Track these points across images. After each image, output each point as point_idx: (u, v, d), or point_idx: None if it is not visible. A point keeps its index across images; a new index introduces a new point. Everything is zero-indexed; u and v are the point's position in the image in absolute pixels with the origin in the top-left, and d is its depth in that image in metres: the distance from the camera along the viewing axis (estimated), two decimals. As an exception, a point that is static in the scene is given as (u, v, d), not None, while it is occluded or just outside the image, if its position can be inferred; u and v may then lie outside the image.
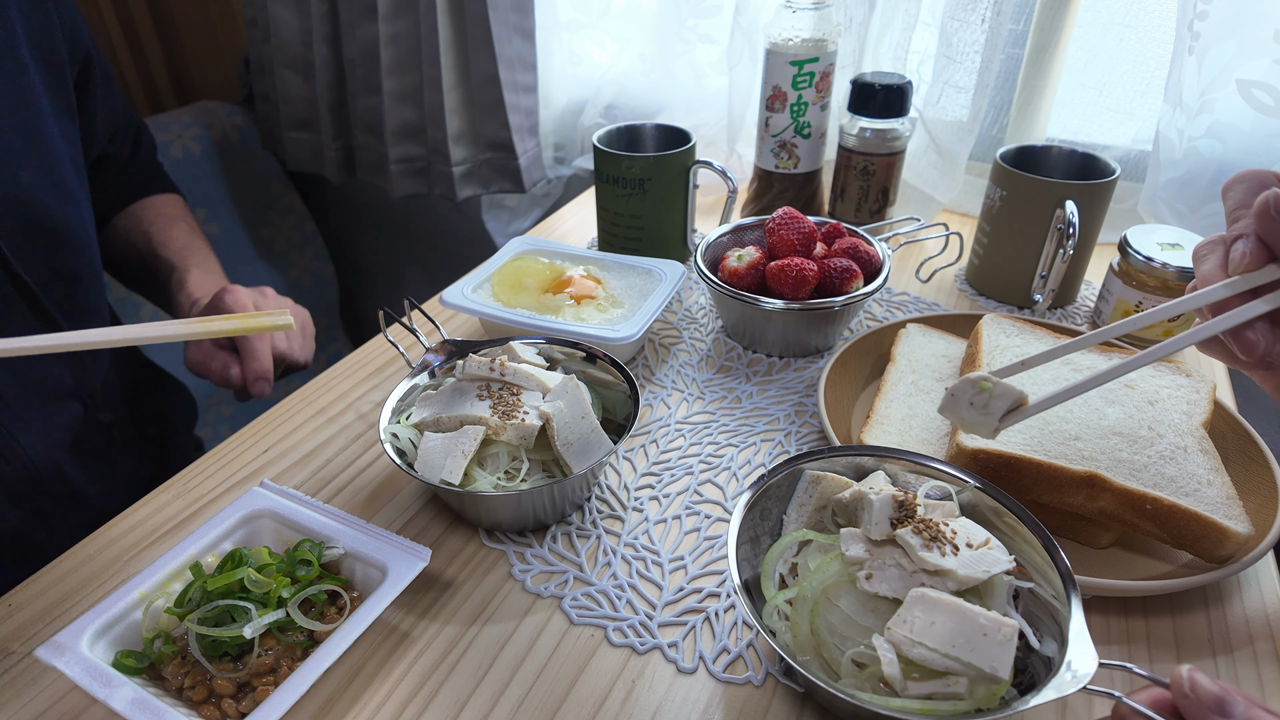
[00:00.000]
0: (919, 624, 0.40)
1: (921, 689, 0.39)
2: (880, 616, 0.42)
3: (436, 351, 0.61)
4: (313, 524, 0.50)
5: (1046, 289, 0.75)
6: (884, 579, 0.42)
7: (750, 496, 0.47)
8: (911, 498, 0.45)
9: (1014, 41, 0.91)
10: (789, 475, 0.49)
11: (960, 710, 0.38)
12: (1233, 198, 0.42)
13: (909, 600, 0.41)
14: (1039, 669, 0.41)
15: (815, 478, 0.49)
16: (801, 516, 0.49)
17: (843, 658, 0.41)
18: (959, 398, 0.45)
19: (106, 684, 0.40)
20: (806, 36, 0.82)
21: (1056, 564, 0.42)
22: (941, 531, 0.43)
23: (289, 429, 0.65)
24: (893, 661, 0.39)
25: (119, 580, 0.52)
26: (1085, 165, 0.77)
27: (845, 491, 0.48)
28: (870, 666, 0.41)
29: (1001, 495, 0.46)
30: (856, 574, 0.43)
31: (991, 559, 0.42)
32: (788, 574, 0.47)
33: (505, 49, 1.09)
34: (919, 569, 0.42)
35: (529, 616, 0.49)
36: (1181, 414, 0.56)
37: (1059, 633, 0.40)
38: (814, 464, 0.50)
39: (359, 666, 0.46)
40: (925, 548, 0.42)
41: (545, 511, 0.54)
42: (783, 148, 0.89)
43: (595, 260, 0.77)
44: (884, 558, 0.43)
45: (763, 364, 0.72)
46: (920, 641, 0.39)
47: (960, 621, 0.39)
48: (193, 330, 0.50)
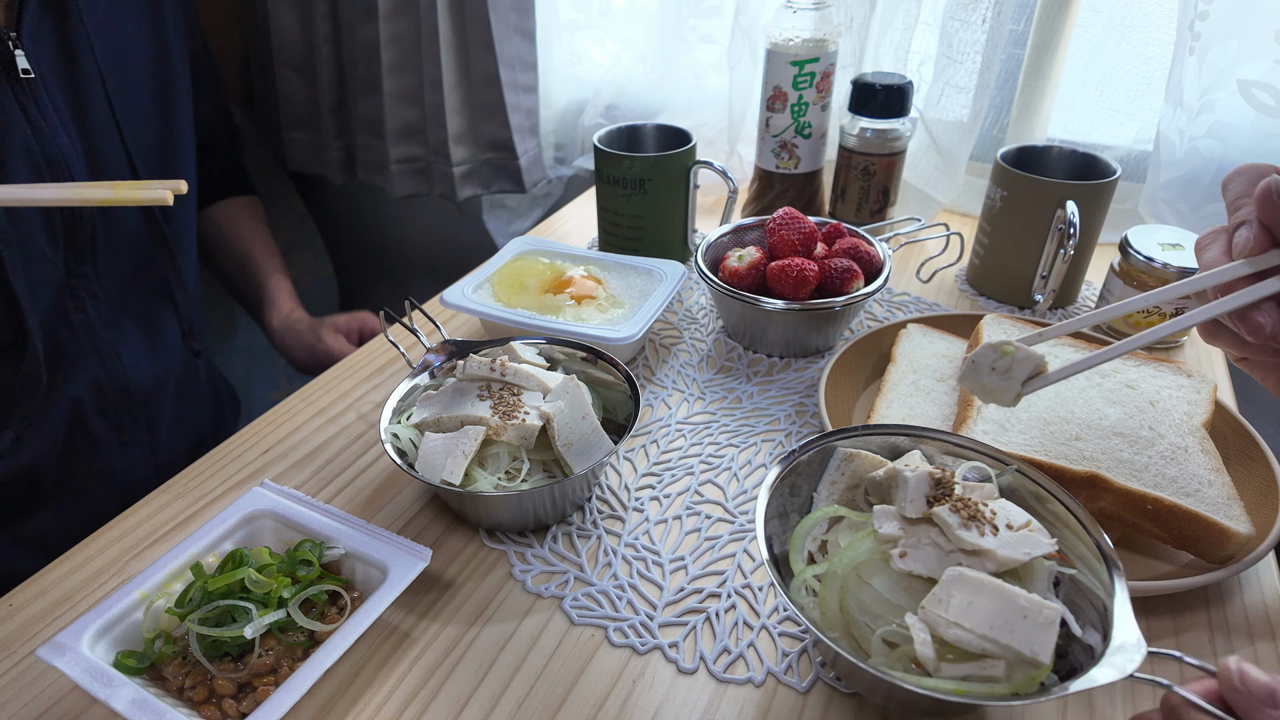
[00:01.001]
0: (955, 603, 0.38)
1: (956, 671, 0.37)
2: (913, 596, 0.40)
3: (437, 351, 0.61)
4: (313, 524, 0.50)
5: (1047, 289, 0.75)
6: (918, 558, 0.40)
7: (780, 471, 0.45)
8: (949, 475, 0.44)
9: (1015, 42, 0.91)
10: (820, 452, 0.48)
11: (997, 693, 0.36)
12: (1233, 189, 0.42)
13: (945, 579, 0.39)
14: (1080, 658, 0.39)
15: (848, 455, 0.47)
16: (833, 494, 0.47)
17: (873, 636, 0.40)
18: (980, 364, 0.44)
19: (107, 684, 0.40)
20: (807, 37, 0.82)
21: (1102, 551, 0.40)
22: (980, 511, 0.41)
23: (289, 429, 0.65)
24: (926, 641, 0.37)
25: (120, 580, 0.52)
26: (1086, 165, 0.77)
27: (879, 470, 0.46)
28: (902, 646, 0.39)
29: (1044, 480, 0.44)
30: (890, 552, 0.41)
31: (1032, 541, 0.40)
32: (817, 552, 0.45)
33: (506, 49, 1.09)
34: (956, 548, 0.40)
35: (529, 617, 0.49)
36: (1182, 414, 0.56)
37: (1101, 622, 0.38)
38: (847, 441, 0.48)
39: (359, 667, 0.46)
40: (963, 526, 0.40)
41: (546, 512, 0.54)
42: (783, 148, 0.89)
43: (596, 260, 0.77)
44: (919, 536, 0.41)
45: (763, 364, 0.72)
46: (956, 622, 0.37)
47: (1000, 602, 0.37)
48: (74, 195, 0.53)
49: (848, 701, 0.44)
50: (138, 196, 0.51)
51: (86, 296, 0.74)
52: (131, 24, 0.77)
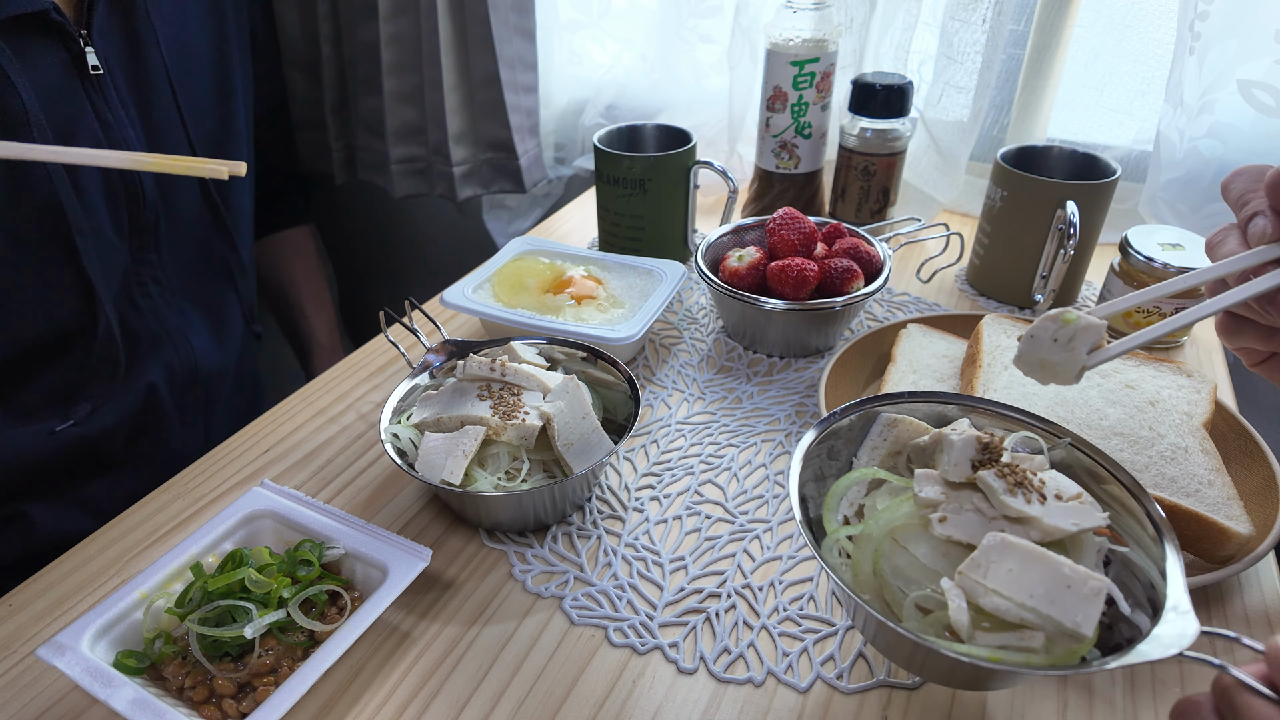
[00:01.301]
0: (995, 570, 0.36)
1: (991, 640, 0.35)
2: (951, 562, 0.38)
3: (437, 352, 0.61)
4: (313, 524, 0.50)
5: (1047, 289, 0.75)
6: (959, 523, 0.39)
7: (817, 434, 0.44)
8: (998, 441, 0.42)
9: (1015, 41, 0.91)
10: (862, 417, 0.46)
11: (1034, 663, 0.34)
12: (1237, 186, 0.41)
13: (985, 544, 0.37)
14: (1126, 637, 0.37)
15: (892, 420, 0.46)
16: (873, 460, 0.46)
17: (906, 601, 0.38)
18: (1039, 338, 0.41)
19: (107, 684, 0.40)
20: (807, 37, 0.82)
21: (1158, 530, 0.38)
22: (1028, 478, 0.39)
23: (290, 429, 0.65)
24: (962, 608, 0.36)
25: (120, 580, 0.52)
26: (1086, 165, 0.77)
27: (924, 436, 0.44)
28: (935, 612, 0.37)
29: (1103, 458, 0.42)
30: (929, 517, 0.39)
31: (1082, 513, 0.38)
32: (854, 516, 0.43)
33: (506, 49, 1.09)
34: (999, 515, 0.38)
35: (529, 617, 0.49)
36: (1182, 414, 0.56)
37: (1151, 605, 0.36)
38: (892, 407, 0.46)
39: (359, 667, 0.46)
40: (1008, 492, 0.39)
41: (546, 512, 0.54)
42: (783, 148, 0.89)
43: (596, 260, 0.77)
44: (961, 501, 0.39)
45: (763, 364, 0.72)
46: (995, 589, 0.35)
47: (1042, 570, 0.35)
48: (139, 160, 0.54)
49: (848, 701, 0.44)
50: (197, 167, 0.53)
51: (151, 282, 0.79)
52: (194, 15, 0.81)
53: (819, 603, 0.49)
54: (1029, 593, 0.35)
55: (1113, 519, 0.40)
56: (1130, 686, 0.44)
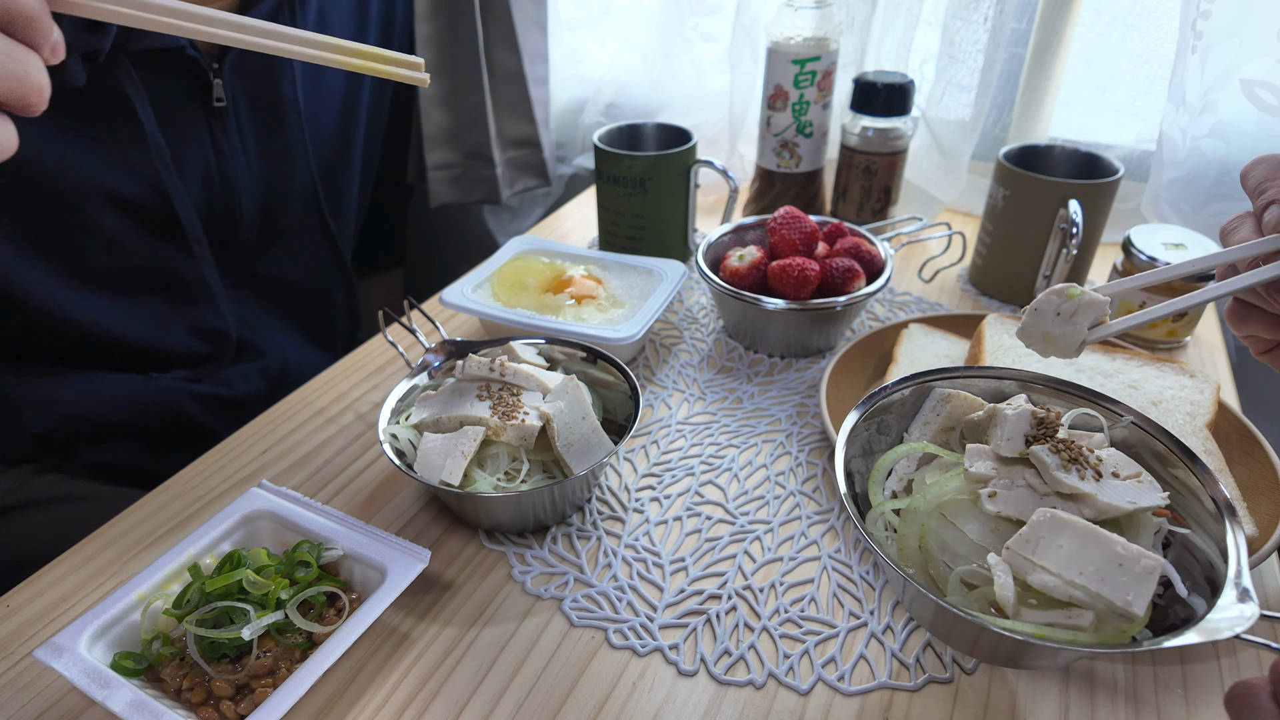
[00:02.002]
0: (1044, 545, 0.35)
1: (1038, 618, 0.35)
2: (1000, 539, 0.37)
3: (436, 352, 0.61)
4: (311, 525, 0.49)
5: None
6: (1010, 499, 0.38)
7: (865, 409, 0.43)
8: (1055, 416, 0.41)
9: (1017, 40, 0.90)
10: (916, 391, 0.45)
11: (1081, 641, 0.34)
12: (1256, 174, 0.41)
13: (1034, 520, 0.36)
14: (1181, 618, 0.35)
15: (945, 395, 0.45)
16: (925, 436, 0.45)
17: (951, 575, 0.37)
18: (1044, 311, 0.41)
19: (105, 685, 0.40)
20: (808, 35, 0.81)
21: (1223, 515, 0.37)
22: (1084, 454, 0.38)
23: (288, 429, 0.65)
24: (1007, 584, 0.35)
25: (118, 581, 0.51)
26: (1088, 165, 0.77)
27: (978, 411, 0.43)
28: (981, 588, 0.36)
29: (1170, 439, 0.41)
30: (979, 492, 0.38)
31: (1140, 491, 0.37)
32: (902, 492, 0.42)
33: (526, 43, 1.08)
34: (1052, 491, 0.38)
35: (529, 618, 0.49)
36: (1185, 415, 0.56)
37: (1210, 588, 0.35)
38: (947, 382, 0.45)
39: (358, 668, 0.46)
40: (1062, 468, 0.38)
41: (545, 513, 0.54)
42: (784, 147, 0.89)
43: (596, 260, 0.77)
44: (1013, 477, 0.39)
45: (764, 364, 0.72)
46: (1043, 565, 0.35)
47: (1093, 547, 0.35)
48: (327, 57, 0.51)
49: (849, 703, 0.44)
50: (391, 71, 0.49)
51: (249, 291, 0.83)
52: (369, 38, 0.86)
53: (820, 604, 0.49)
54: (1079, 570, 0.34)
55: (1175, 500, 0.39)
56: (1132, 688, 0.44)
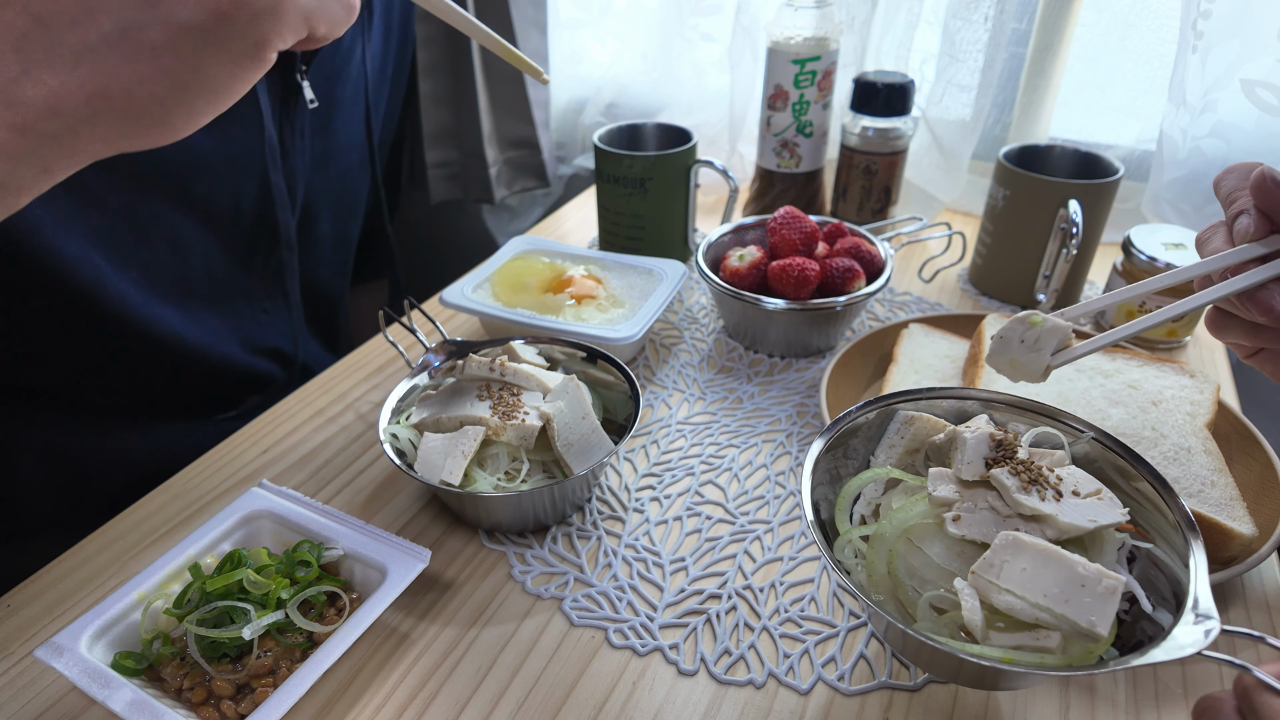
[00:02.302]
0: (1008, 569, 0.36)
1: (1006, 640, 0.35)
2: (966, 562, 0.38)
3: (436, 351, 0.61)
4: (312, 525, 0.49)
5: (1050, 289, 0.75)
6: (973, 522, 0.38)
7: (828, 438, 0.43)
8: (1013, 438, 0.41)
9: (1017, 40, 0.90)
10: (880, 414, 0.45)
11: (1048, 664, 0.34)
12: (1227, 184, 0.42)
13: (998, 543, 0.36)
14: (1148, 636, 0.36)
15: (909, 418, 0.45)
16: (891, 458, 0.46)
17: (920, 600, 0.38)
18: (1009, 339, 0.42)
19: (105, 685, 0.40)
20: (808, 35, 0.81)
21: (1184, 530, 0.37)
22: (1043, 475, 0.39)
23: (288, 429, 0.65)
24: (975, 608, 0.35)
25: (118, 581, 0.51)
26: (1088, 165, 0.77)
27: (940, 434, 0.44)
28: (950, 612, 0.37)
29: (1129, 452, 0.41)
30: (944, 516, 0.39)
31: (1100, 510, 0.38)
32: (870, 516, 0.43)
33: (524, 44, 1.09)
34: (1014, 513, 0.38)
35: (529, 618, 0.49)
36: (1185, 415, 0.56)
37: (1176, 602, 0.36)
38: (911, 404, 0.46)
39: (358, 668, 0.46)
40: (1022, 490, 0.38)
41: (545, 512, 0.54)
42: (784, 147, 0.89)
43: (596, 260, 0.77)
44: (976, 500, 0.39)
45: (764, 364, 0.72)
46: (1008, 588, 0.35)
47: (1055, 569, 0.35)
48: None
49: (849, 703, 0.44)
50: (525, 62, 0.51)
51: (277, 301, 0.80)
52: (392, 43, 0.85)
53: (820, 604, 0.49)
54: (1042, 592, 0.35)
55: (1138, 514, 0.40)
56: (1133, 689, 0.44)
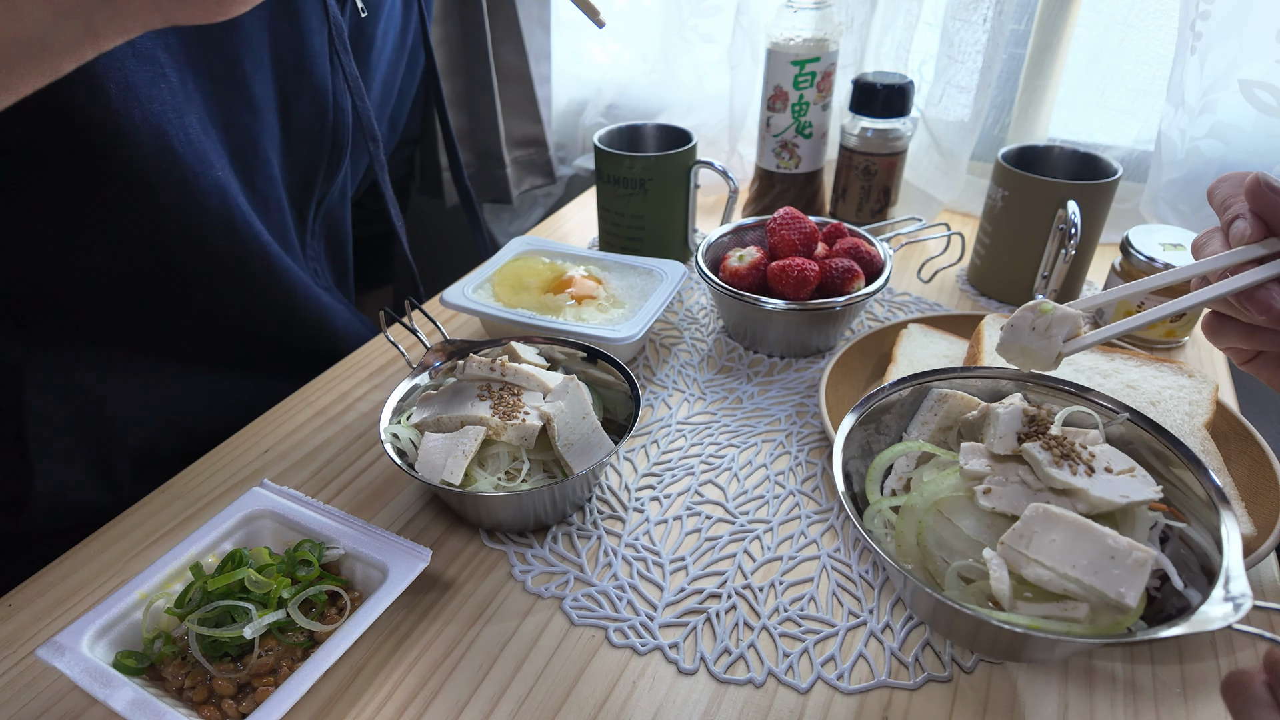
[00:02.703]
0: (1037, 540, 0.36)
1: (1034, 610, 0.35)
2: (996, 534, 0.38)
3: (437, 351, 0.61)
4: (313, 524, 0.50)
5: (1048, 289, 0.75)
6: (1004, 495, 0.39)
7: (863, 411, 0.43)
8: (1046, 414, 0.42)
9: (1016, 41, 0.91)
10: (914, 391, 0.46)
11: (1075, 632, 0.34)
12: (1220, 191, 0.43)
13: (1027, 514, 0.37)
14: (1177, 609, 0.36)
15: (943, 395, 0.46)
16: (923, 435, 0.46)
17: (948, 570, 0.38)
18: (1020, 327, 0.42)
19: (106, 684, 0.40)
20: (808, 36, 0.82)
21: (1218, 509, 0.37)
22: (1076, 450, 0.39)
23: (289, 429, 0.65)
24: (1003, 578, 0.35)
25: (119, 580, 0.52)
26: (1087, 165, 0.77)
27: (974, 410, 0.44)
28: (977, 582, 0.37)
29: (1163, 433, 0.41)
30: (974, 489, 0.39)
31: (1133, 486, 0.38)
32: (900, 490, 0.43)
33: (531, 43, 1.09)
34: (1045, 487, 0.38)
35: (530, 617, 0.49)
36: (1184, 415, 0.56)
37: (1206, 582, 0.36)
38: (946, 382, 0.46)
39: (359, 667, 0.46)
40: (1054, 464, 0.38)
41: (546, 512, 0.54)
42: (784, 147, 0.89)
43: (596, 260, 0.77)
44: (1007, 474, 0.39)
45: (764, 364, 0.72)
46: (1037, 559, 0.35)
47: (1085, 541, 0.35)
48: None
49: (849, 702, 0.44)
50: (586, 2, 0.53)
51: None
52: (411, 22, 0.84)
53: (820, 603, 0.49)
54: (1072, 563, 0.35)
55: (1172, 495, 0.40)
56: (1132, 689, 0.44)
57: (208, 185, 0.59)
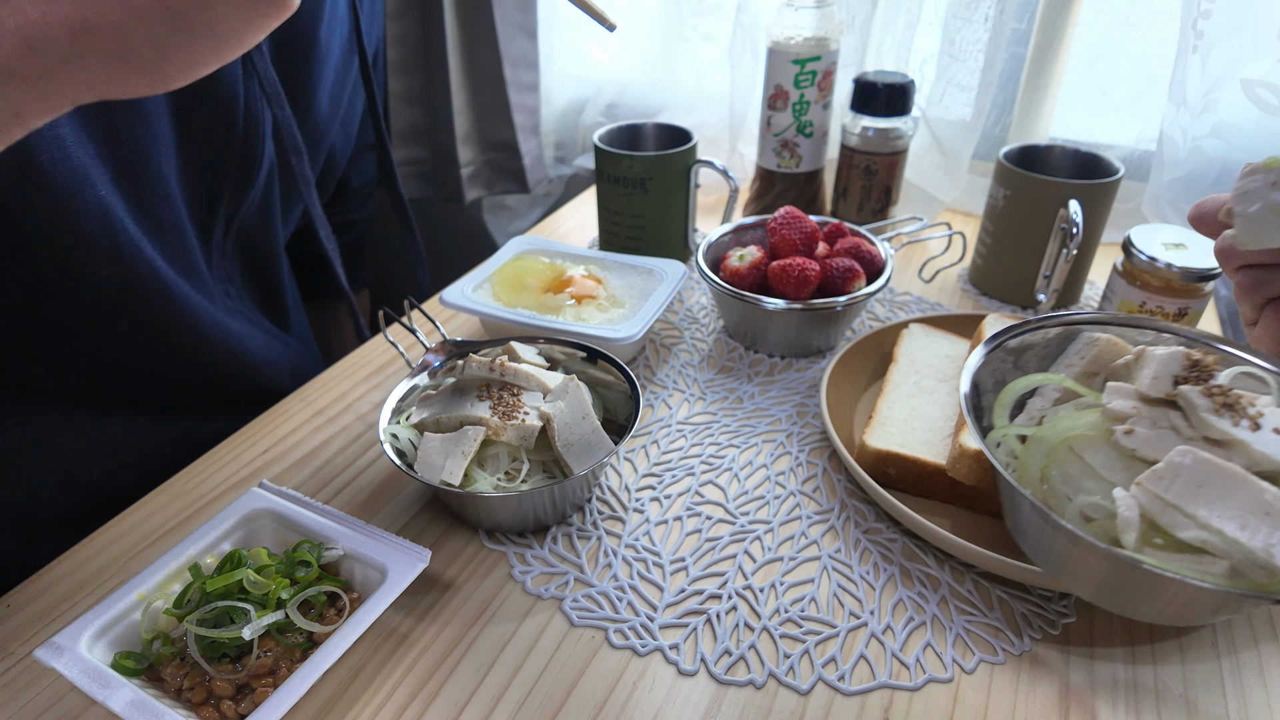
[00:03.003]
0: (1180, 485, 0.32)
1: (1162, 560, 0.32)
2: (1131, 477, 0.34)
3: (436, 351, 0.61)
4: (312, 525, 0.49)
5: (1050, 289, 0.75)
6: (1148, 438, 0.34)
7: (998, 342, 0.40)
8: (1213, 361, 0.37)
9: (1017, 40, 0.90)
10: (1061, 334, 0.42)
11: (1220, 582, 0.30)
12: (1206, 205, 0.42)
13: (1174, 456, 0.33)
14: None
15: (1094, 339, 0.42)
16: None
17: (1069, 506, 0.35)
18: (1255, 190, 0.35)
19: (105, 685, 0.40)
20: (809, 35, 0.81)
21: None
22: (1240, 402, 0.35)
23: (288, 429, 0.65)
24: (1132, 520, 0.32)
25: (118, 581, 0.51)
26: (1089, 165, 0.77)
27: (1126, 355, 0.40)
28: (1100, 521, 0.34)
29: None
30: (1115, 429, 0.35)
31: None
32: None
33: (509, 48, 1.09)
34: (1198, 436, 0.34)
35: (529, 618, 0.49)
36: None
37: None
38: (1099, 328, 0.42)
39: (358, 668, 0.46)
40: (1213, 412, 0.34)
41: (546, 512, 0.54)
42: (785, 147, 0.89)
43: (596, 260, 0.77)
44: (1155, 418, 0.35)
45: (764, 364, 0.72)
46: (1177, 504, 0.32)
47: (1238, 492, 0.31)
48: None
49: (849, 703, 0.44)
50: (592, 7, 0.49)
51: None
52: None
53: (820, 604, 0.49)
54: (1217, 513, 0.31)
55: None
56: (1133, 689, 0.44)
57: (86, 207, 0.51)
